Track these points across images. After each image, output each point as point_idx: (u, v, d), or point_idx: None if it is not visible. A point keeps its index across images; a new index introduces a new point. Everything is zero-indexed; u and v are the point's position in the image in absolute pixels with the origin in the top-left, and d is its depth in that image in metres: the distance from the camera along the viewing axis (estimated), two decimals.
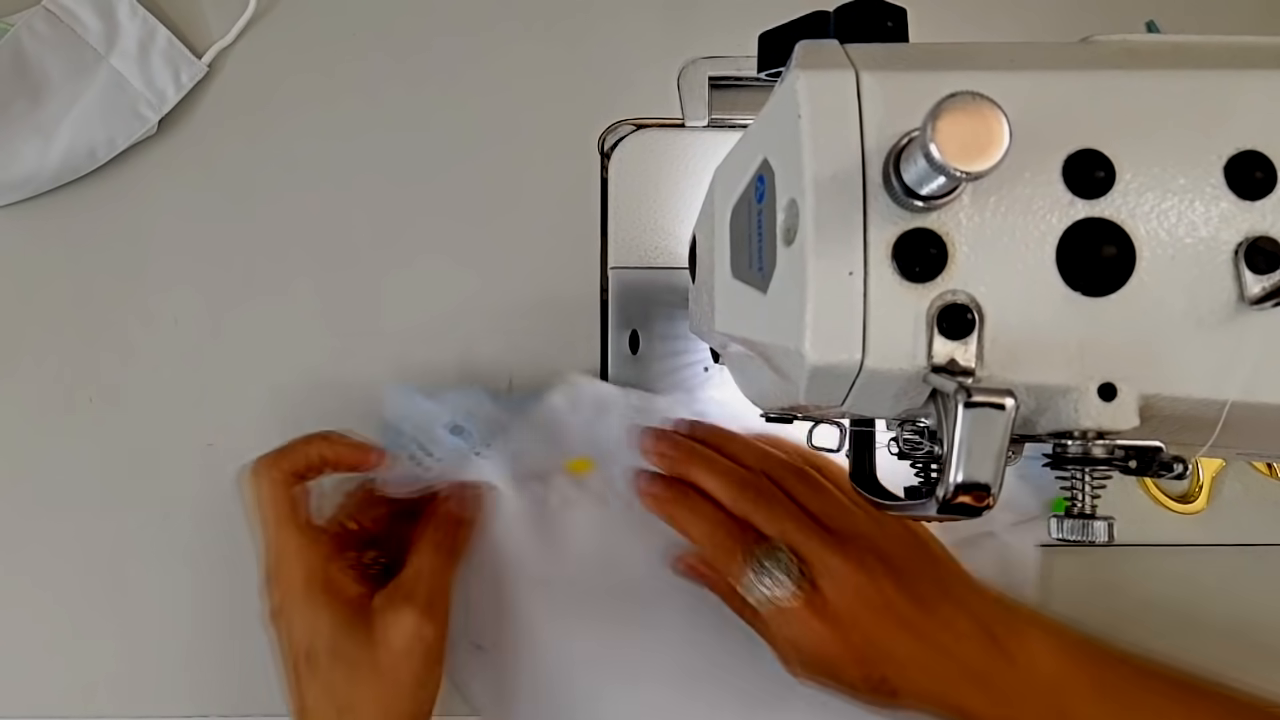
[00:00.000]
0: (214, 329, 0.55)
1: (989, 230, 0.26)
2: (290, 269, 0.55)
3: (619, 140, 0.57)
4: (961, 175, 0.22)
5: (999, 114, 0.22)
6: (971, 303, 0.26)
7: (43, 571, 0.53)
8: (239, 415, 0.54)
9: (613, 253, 0.56)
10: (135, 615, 0.53)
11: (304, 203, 0.56)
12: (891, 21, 0.31)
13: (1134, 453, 0.28)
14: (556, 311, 0.55)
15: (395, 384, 0.53)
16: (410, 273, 0.55)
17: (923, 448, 0.34)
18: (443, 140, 0.56)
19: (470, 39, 0.57)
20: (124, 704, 0.53)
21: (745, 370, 0.40)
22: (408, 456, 0.52)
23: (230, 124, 0.56)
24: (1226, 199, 0.27)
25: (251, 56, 0.57)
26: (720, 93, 0.57)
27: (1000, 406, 0.24)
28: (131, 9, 0.55)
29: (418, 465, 0.52)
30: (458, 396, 0.53)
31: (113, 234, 0.55)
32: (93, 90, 0.54)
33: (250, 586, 0.53)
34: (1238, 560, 0.54)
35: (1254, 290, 0.26)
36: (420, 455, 0.52)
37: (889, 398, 0.28)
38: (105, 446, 0.54)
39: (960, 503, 0.25)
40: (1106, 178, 0.26)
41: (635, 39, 0.57)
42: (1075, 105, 0.27)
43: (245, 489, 0.44)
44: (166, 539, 0.54)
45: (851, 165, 0.26)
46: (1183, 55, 0.28)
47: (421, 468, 0.52)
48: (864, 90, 0.27)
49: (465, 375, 0.54)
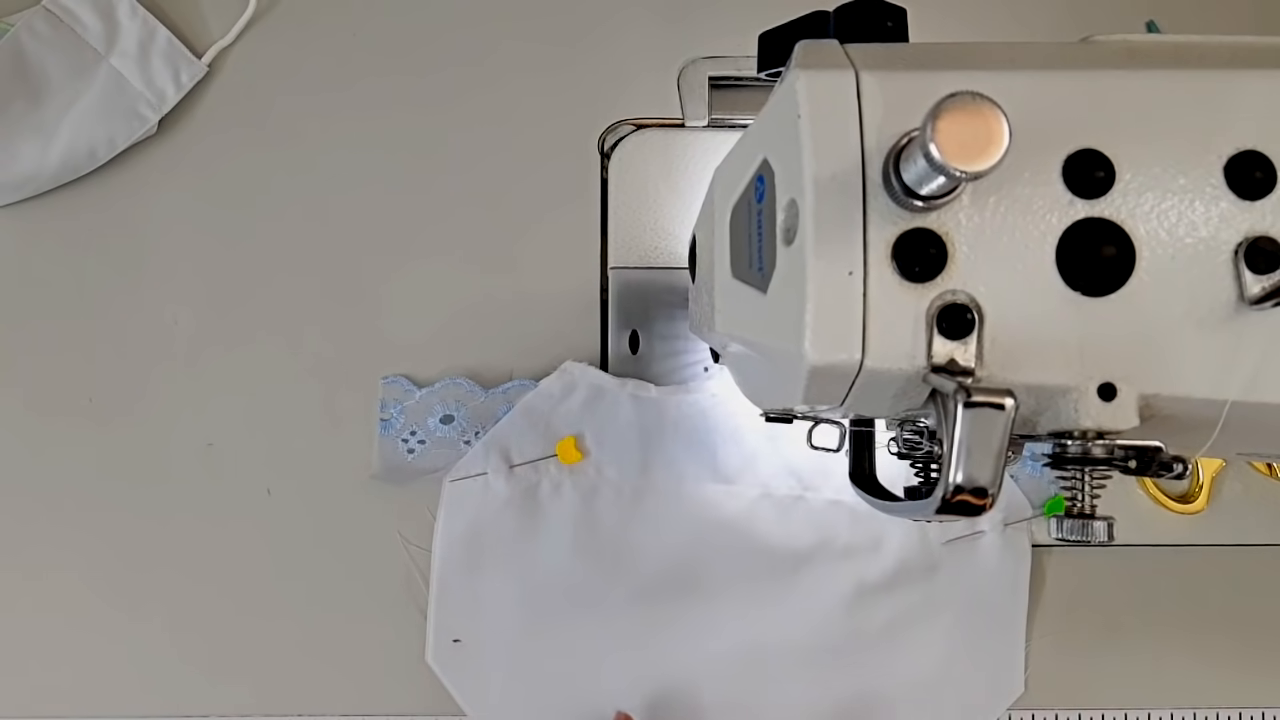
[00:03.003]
0: (214, 329, 0.55)
1: (989, 230, 0.26)
2: (290, 269, 0.55)
3: (619, 140, 0.57)
4: (961, 175, 0.22)
5: (999, 114, 0.22)
6: (971, 303, 0.26)
7: (43, 571, 0.53)
8: (239, 415, 0.54)
9: (613, 253, 0.56)
10: (135, 615, 0.53)
11: (304, 203, 0.56)
12: (891, 21, 0.31)
13: (1134, 453, 0.28)
14: (557, 311, 0.55)
15: (388, 375, 0.54)
16: (410, 272, 0.55)
17: (922, 448, 0.34)
18: (443, 141, 0.56)
19: (470, 39, 0.57)
20: (124, 704, 0.53)
21: (745, 370, 0.40)
22: (400, 442, 0.53)
23: (230, 124, 0.56)
24: (1226, 199, 0.27)
25: (251, 56, 0.57)
26: (720, 93, 0.57)
27: (1000, 406, 0.24)
28: (131, 9, 0.55)
29: (409, 453, 0.52)
30: (448, 386, 0.53)
31: (113, 234, 0.55)
32: (93, 90, 0.54)
33: (250, 586, 0.54)
34: (1238, 560, 0.54)
35: (1254, 290, 0.26)
36: (411, 443, 0.53)
37: (889, 398, 0.28)
38: (105, 447, 0.54)
39: (960, 502, 0.25)
40: (1106, 178, 0.26)
41: (635, 39, 0.57)
42: (1075, 105, 0.27)
43: None
44: (166, 539, 0.54)
45: (851, 165, 0.26)
46: (1183, 55, 0.28)
47: (413, 455, 0.52)
48: (864, 90, 0.27)
49: (460, 369, 0.54)
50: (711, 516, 0.53)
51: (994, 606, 0.53)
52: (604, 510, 0.53)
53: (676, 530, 0.53)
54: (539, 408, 0.53)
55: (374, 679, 0.53)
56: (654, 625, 0.52)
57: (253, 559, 0.54)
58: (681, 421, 0.53)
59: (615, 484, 0.53)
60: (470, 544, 0.53)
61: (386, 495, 0.54)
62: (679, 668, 0.52)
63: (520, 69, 0.57)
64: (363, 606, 0.53)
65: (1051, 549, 0.54)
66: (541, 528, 0.53)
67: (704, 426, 0.53)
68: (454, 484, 0.53)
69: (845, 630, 0.52)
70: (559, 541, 0.53)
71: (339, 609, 0.53)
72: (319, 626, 0.53)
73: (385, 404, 0.53)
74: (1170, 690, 0.54)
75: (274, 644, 0.53)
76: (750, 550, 0.53)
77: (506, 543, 0.52)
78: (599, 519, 0.53)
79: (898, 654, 0.52)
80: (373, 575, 0.53)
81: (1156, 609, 0.54)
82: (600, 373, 0.53)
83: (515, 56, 0.57)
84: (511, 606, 0.52)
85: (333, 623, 0.53)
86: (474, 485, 0.52)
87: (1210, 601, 0.54)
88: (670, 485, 0.53)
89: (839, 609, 0.52)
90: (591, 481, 0.53)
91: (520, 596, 0.52)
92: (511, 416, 0.53)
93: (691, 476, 0.53)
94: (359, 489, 0.54)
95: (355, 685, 0.53)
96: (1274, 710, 0.54)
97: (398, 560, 0.53)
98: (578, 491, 0.53)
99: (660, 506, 0.53)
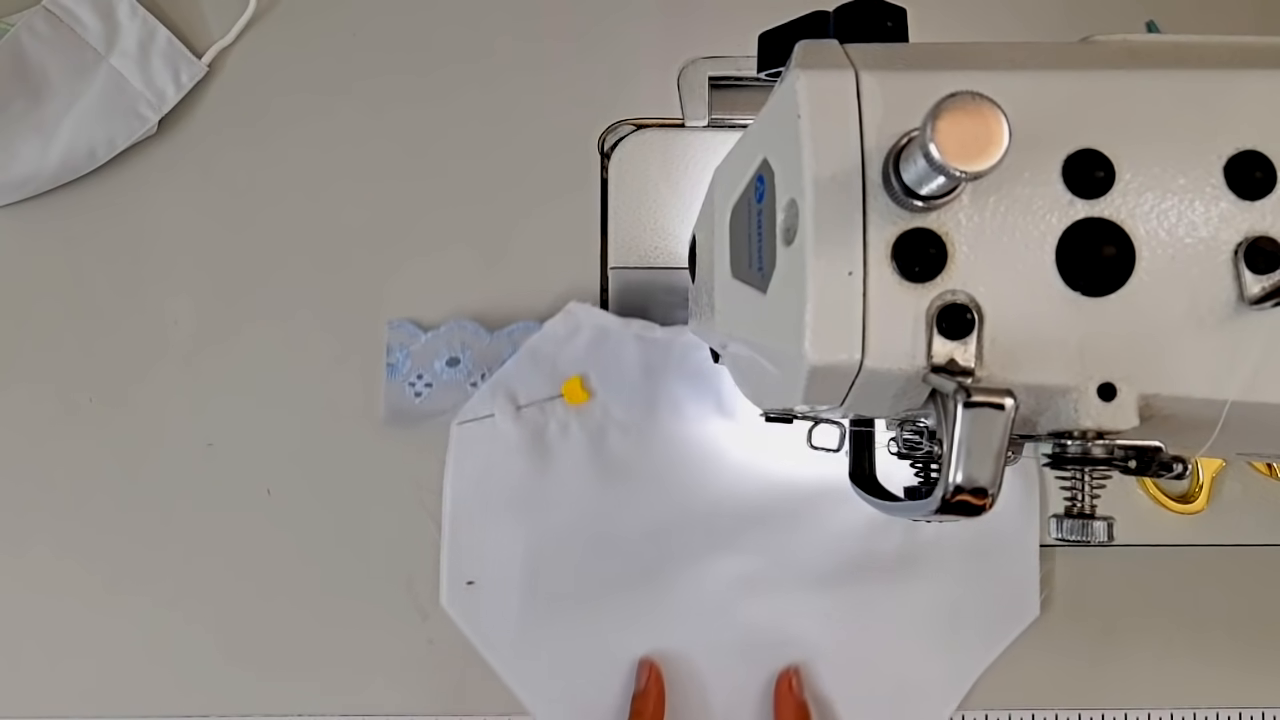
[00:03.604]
0: (214, 329, 0.55)
1: (989, 230, 0.26)
2: (290, 268, 0.55)
3: (619, 140, 0.57)
4: (961, 175, 0.22)
5: (999, 114, 0.22)
6: (971, 303, 0.26)
7: (42, 571, 0.53)
8: (239, 415, 0.54)
9: (613, 253, 0.56)
10: (134, 615, 0.53)
11: (304, 202, 0.56)
12: (891, 21, 0.31)
13: (1134, 453, 0.28)
14: (557, 311, 0.55)
15: (394, 320, 0.54)
16: (410, 272, 0.55)
17: (922, 448, 0.34)
18: (442, 140, 0.56)
19: (470, 39, 0.57)
20: (124, 704, 0.53)
21: (745, 370, 0.40)
22: (407, 386, 0.53)
23: (230, 124, 0.56)
24: (1226, 199, 0.27)
25: (251, 56, 0.57)
26: (720, 93, 0.57)
27: (1000, 407, 0.24)
28: (131, 9, 0.55)
29: (416, 396, 0.53)
30: (453, 329, 0.54)
31: (112, 234, 0.55)
32: (92, 90, 0.54)
33: (249, 586, 0.54)
34: (1238, 560, 0.54)
35: (1254, 290, 0.26)
36: (418, 385, 0.53)
37: (888, 398, 0.28)
38: (105, 447, 0.54)
39: (960, 503, 0.25)
40: (1106, 178, 0.26)
41: (635, 39, 0.57)
42: (1075, 105, 0.27)
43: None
44: (166, 539, 0.54)
45: (851, 165, 0.26)
46: (1183, 55, 0.28)
47: (420, 398, 0.53)
48: (864, 90, 0.27)
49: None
50: (719, 452, 0.54)
51: (1006, 532, 0.53)
52: (612, 449, 0.53)
53: (685, 466, 0.53)
54: (544, 349, 0.53)
55: (374, 679, 0.53)
56: (666, 559, 0.53)
57: (252, 559, 0.54)
58: (686, 360, 0.53)
59: (622, 423, 0.53)
60: (480, 485, 0.53)
61: (387, 495, 0.54)
62: (692, 598, 0.53)
63: (520, 68, 0.57)
64: (363, 607, 0.53)
65: (1052, 549, 0.54)
66: (550, 468, 0.53)
67: (708, 365, 0.53)
68: (461, 426, 0.53)
69: (860, 555, 0.53)
70: (568, 481, 0.53)
71: (339, 609, 0.53)
72: (319, 626, 0.53)
73: (391, 348, 0.54)
74: (1170, 690, 0.54)
75: (274, 644, 0.53)
76: (758, 485, 0.53)
77: (516, 483, 0.53)
78: (608, 457, 0.53)
79: (913, 578, 0.53)
80: (373, 575, 0.53)
81: (1156, 609, 0.54)
82: (604, 313, 0.54)
83: (515, 56, 0.57)
84: (523, 546, 0.53)
85: (333, 623, 0.53)
86: (481, 428, 0.53)
87: (1210, 601, 0.54)
88: (676, 423, 0.54)
89: (852, 536, 0.53)
90: (598, 421, 0.53)
91: (531, 536, 0.53)
92: (517, 358, 0.53)
93: (696, 415, 0.54)
94: (359, 488, 0.54)
95: (355, 685, 0.53)
96: (1274, 710, 0.54)
97: (398, 560, 0.53)
98: (585, 431, 0.53)
99: (668, 444, 0.53)
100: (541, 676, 0.52)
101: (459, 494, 0.53)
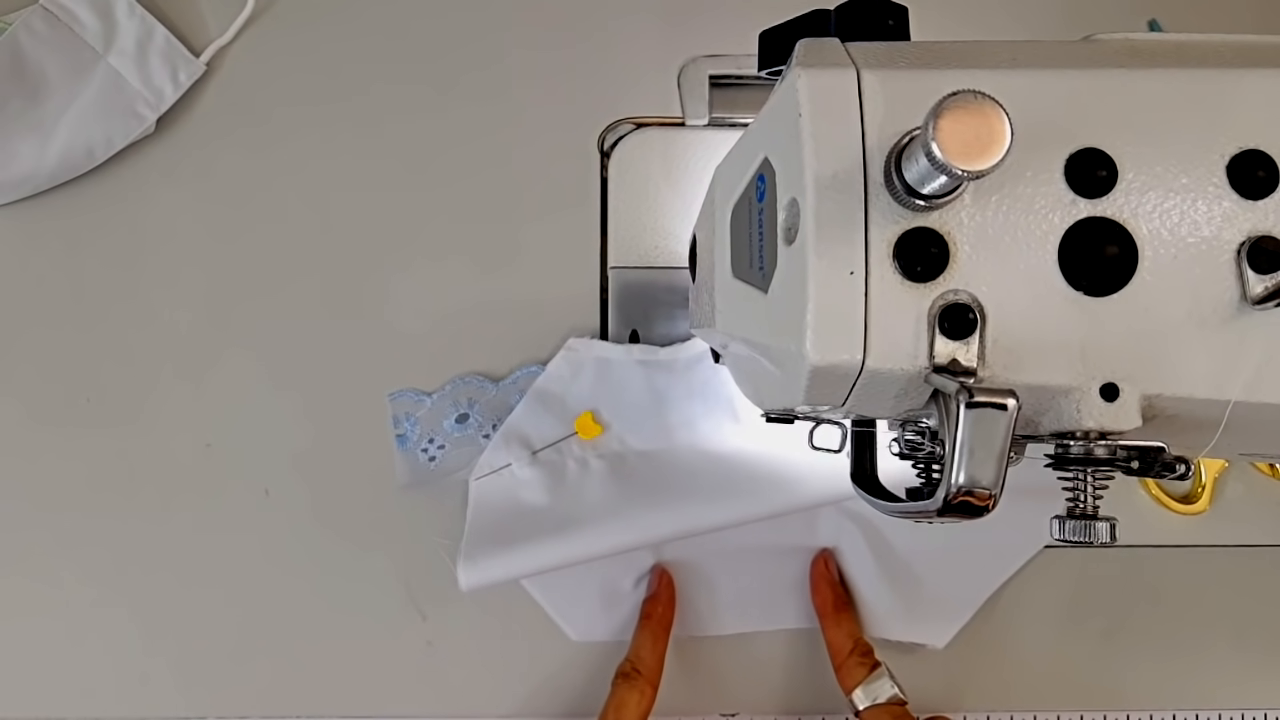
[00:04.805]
0: (213, 329, 0.55)
1: (991, 230, 0.26)
2: (289, 268, 0.55)
3: (619, 140, 0.57)
4: (963, 174, 0.22)
5: (1000, 113, 0.22)
6: (973, 302, 0.26)
7: (42, 572, 0.53)
8: (238, 416, 0.54)
9: (613, 252, 0.56)
10: (134, 616, 0.53)
11: (303, 202, 0.56)
12: (892, 20, 0.31)
13: (1136, 453, 0.28)
14: (557, 311, 0.54)
15: (393, 391, 0.53)
16: (410, 272, 0.55)
17: (924, 448, 0.34)
18: (442, 140, 0.56)
19: (470, 39, 0.57)
20: (124, 704, 0.52)
21: (746, 370, 0.39)
22: (420, 452, 0.52)
23: (229, 123, 0.56)
24: (1229, 198, 0.26)
25: (250, 55, 0.57)
26: (720, 92, 0.57)
27: (1002, 407, 0.24)
28: (129, 8, 0.55)
29: (430, 460, 0.52)
30: (457, 386, 0.53)
31: (111, 233, 0.55)
32: (91, 89, 0.54)
33: (249, 586, 0.54)
34: (1240, 561, 0.54)
35: (1256, 290, 0.26)
36: (431, 449, 0.52)
37: (890, 398, 0.27)
38: (104, 447, 0.54)
39: (962, 503, 0.25)
40: (1108, 177, 0.26)
41: (635, 39, 0.57)
42: (1077, 104, 0.27)
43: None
44: (166, 539, 0.53)
45: (852, 164, 0.26)
46: (1185, 54, 0.28)
47: (435, 462, 0.52)
48: (865, 89, 0.27)
49: (465, 370, 0.54)
50: (743, 459, 0.53)
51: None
52: (636, 475, 0.52)
53: (713, 478, 0.52)
54: (551, 390, 0.53)
55: (374, 679, 0.53)
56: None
57: (252, 559, 0.54)
58: (691, 377, 0.53)
59: (641, 450, 0.53)
60: (500, 536, 0.50)
61: (386, 494, 0.54)
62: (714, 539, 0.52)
63: (520, 68, 0.57)
64: (363, 607, 0.53)
65: (1054, 549, 0.54)
66: (578, 504, 0.51)
67: (714, 376, 0.53)
68: (479, 481, 0.52)
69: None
70: (598, 512, 0.51)
71: (339, 609, 0.53)
72: (319, 627, 0.53)
73: (397, 419, 0.53)
74: (1172, 691, 0.54)
75: (273, 645, 0.53)
76: (784, 488, 0.52)
77: (543, 525, 0.51)
78: (633, 484, 0.52)
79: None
80: (373, 575, 0.53)
81: (1159, 610, 0.54)
82: (605, 344, 0.53)
83: (515, 56, 0.57)
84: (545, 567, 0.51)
85: (333, 623, 0.53)
86: (500, 479, 0.52)
87: (1212, 602, 0.54)
88: (695, 439, 0.53)
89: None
90: (617, 451, 0.53)
91: (556, 559, 0.51)
92: (525, 403, 0.53)
93: (712, 428, 0.53)
94: (358, 488, 0.54)
95: (355, 685, 0.53)
96: (1275, 711, 0.54)
97: (398, 560, 0.53)
98: (605, 462, 0.53)
99: (691, 460, 0.53)
100: (557, 580, 0.52)
101: (482, 549, 0.49)
